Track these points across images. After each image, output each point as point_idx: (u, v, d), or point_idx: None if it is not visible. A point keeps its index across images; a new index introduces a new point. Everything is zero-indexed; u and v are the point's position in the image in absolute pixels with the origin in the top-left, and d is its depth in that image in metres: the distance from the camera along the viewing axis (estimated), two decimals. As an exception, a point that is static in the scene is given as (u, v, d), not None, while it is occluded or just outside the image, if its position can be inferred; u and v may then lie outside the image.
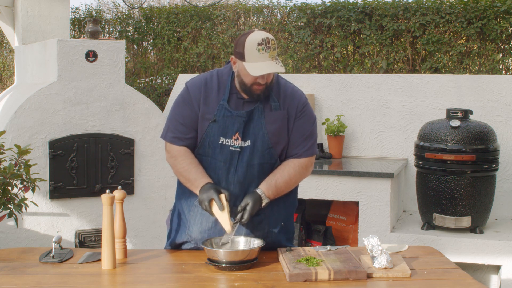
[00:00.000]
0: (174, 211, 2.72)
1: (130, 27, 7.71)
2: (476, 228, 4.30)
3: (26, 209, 3.33)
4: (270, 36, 2.40)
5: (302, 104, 2.57)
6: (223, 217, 2.37)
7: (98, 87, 4.66)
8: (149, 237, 4.92)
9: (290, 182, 2.54)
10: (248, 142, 2.49)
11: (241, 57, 2.41)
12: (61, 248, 2.52)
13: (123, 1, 7.09)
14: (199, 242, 2.50)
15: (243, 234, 2.49)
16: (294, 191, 2.70)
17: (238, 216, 2.42)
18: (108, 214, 2.34)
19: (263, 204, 2.46)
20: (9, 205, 3.24)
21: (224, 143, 2.48)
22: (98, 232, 4.60)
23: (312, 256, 2.36)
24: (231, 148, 2.48)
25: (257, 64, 2.37)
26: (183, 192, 2.63)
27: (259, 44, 2.36)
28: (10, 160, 3.32)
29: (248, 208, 2.42)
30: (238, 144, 2.48)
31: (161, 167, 4.92)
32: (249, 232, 2.51)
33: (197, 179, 2.47)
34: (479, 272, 4.39)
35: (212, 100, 2.51)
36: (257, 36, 2.38)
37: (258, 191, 2.47)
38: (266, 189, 2.48)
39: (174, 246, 2.66)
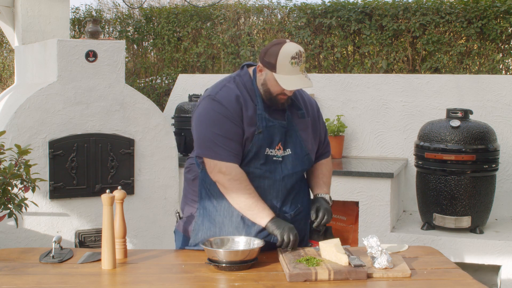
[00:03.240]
0: (193, 220, 2.59)
1: (130, 27, 7.71)
2: (476, 228, 4.30)
3: (26, 209, 3.33)
4: (302, 49, 2.41)
5: (317, 106, 2.69)
6: (333, 253, 2.35)
7: (98, 87, 4.66)
8: (149, 237, 4.92)
9: (330, 176, 2.73)
10: (288, 151, 2.51)
11: (272, 67, 2.38)
12: (61, 248, 2.51)
13: (123, 1, 7.09)
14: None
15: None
16: (308, 192, 2.73)
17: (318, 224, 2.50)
18: (108, 214, 2.34)
19: (329, 200, 2.59)
20: (9, 205, 3.24)
21: (268, 153, 2.48)
22: (98, 232, 4.60)
23: (312, 256, 2.36)
24: (274, 158, 2.49)
25: (289, 77, 2.36)
26: (219, 203, 2.51)
27: (292, 58, 2.35)
28: (10, 160, 3.32)
29: (321, 210, 2.52)
30: (280, 153, 2.50)
31: (161, 167, 4.92)
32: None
33: (261, 211, 2.44)
34: (479, 272, 4.39)
35: (250, 110, 2.45)
36: (291, 48, 2.36)
37: (318, 195, 2.60)
38: (320, 189, 2.62)
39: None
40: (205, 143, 2.45)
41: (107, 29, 7.77)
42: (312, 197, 2.66)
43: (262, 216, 2.42)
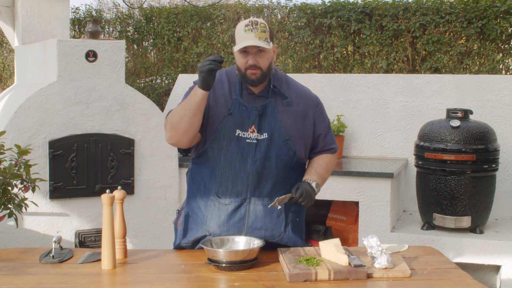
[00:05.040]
0: (182, 213, 2.72)
1: (130, 27, 7.71)
2: (476, 228, 4.30)
3: (26, 209, 3.33)
4: (261, 20, 2.46)
5: (316, 101, 2.69)
6: (333, 253, 2.34)
7: (98, 87, 4.66)
8: (149, 237, 4.92)
9: (328, 169, 2.70)
10: (265, 135, 2.53)
11: (234, 41, 2.51)
12: (61, 248, 2.52)
13: (123, 1, 7.09)
14: (217, 236, 2.52)
15: (257, 231, 2.51)
16: None
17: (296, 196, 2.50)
18: (108, 214, 2.34)
19: (314, 187, 2.55)
20: (9, 205, 3.24)
21: (240, 135, 2.52)
22: (98, 232, 4.60)
23: (312, 256, 2.36)
24: (247, 140, 2.52)
25: (242, 42, 2.45)
26: (197, 189, 2.64)
27: (245, 25, 2.45)
28: (10, 160, 3.32)
29: (301, 187, 2.51)
30: (254, 136, 2.53)
31: (161, 167, 4.92)
32: (267, 230, 2.53)
33: (191, 94, 2.45)
34: (479, 272, 4.39)
35: (223, 95, 2.56)
36: (246, 20, 2.47)
37: (306, 181, 2.57)
38: (308, 175, 2.60)
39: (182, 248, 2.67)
40: None
41: (107, 29, 7.76)
42: None
43: (194, 91, 2.42)
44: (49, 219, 4.52)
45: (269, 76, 2.55)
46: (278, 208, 2.51)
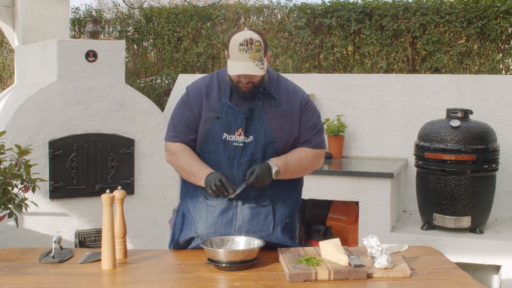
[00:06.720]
0: (178, 211, 2.75)
1: (130, 27, 7.71)
2: (476, 228, 4.30)
3: (26, 209, 3.33)
4: (256, 37, 2.41)
5: (305, 100, 2.63)
6: (333, 253, 2.34)
7: (98, 87, 4.66)
8: (149, 237, 4.92)
9: (301, 162, 2.59)
10: (251, 138, 2.53)
11: (227, 54, 2.48)
12: (61, 248, 2.52)
13: (123, 1, 7.09)
14: (205, 237, 2.53)
15: (245, 233, 2.52)
16: (299, 188, 2.73)
17: (249, 178, 2.48)
18: (108, 214, 2.34)
19: (273, 172, 2.50)
20: (9, 205, 3.24)
21: (227, 139, 2.53)
22: (98, 232, 4.60)
23: (312, 256, 2.36)
24: (234, 144, 2.53)
25: (236, 63, 2.42)
26: (187, 191, 2.68)
27: (240, 44, 2.40)
28: (10, 160, 3.32)
29: (256, 171, 2.47)
30: (241, 139, 2.53)
31: (161, 167, 4.92)
32: (255, 232, 2.53)
33: (200, 171, 2.53)
34: (479, 272, 4.39)
35: (214, 99, 2.56)
36: (241, 36, 2.41)
37: (267, 161, 2.53)
38: (276, 159, 2.54)
39: (178, 246, 2.68)
40: (166, 129, 2.71)
41: (107, 29, 7.77)
42: None
43: (198, 180, 2.54)
44: (49, 219, 4.52)
45: (262, 86, 2.53)
46: (232, 197, 2.49)
